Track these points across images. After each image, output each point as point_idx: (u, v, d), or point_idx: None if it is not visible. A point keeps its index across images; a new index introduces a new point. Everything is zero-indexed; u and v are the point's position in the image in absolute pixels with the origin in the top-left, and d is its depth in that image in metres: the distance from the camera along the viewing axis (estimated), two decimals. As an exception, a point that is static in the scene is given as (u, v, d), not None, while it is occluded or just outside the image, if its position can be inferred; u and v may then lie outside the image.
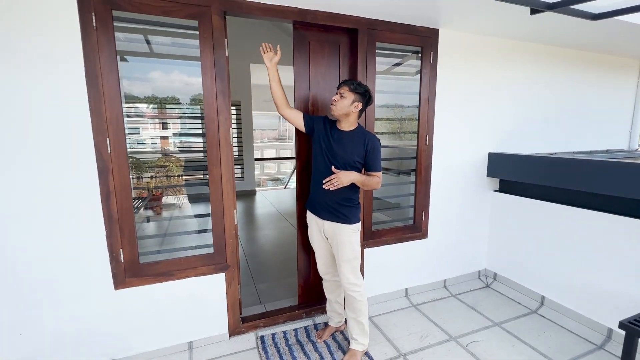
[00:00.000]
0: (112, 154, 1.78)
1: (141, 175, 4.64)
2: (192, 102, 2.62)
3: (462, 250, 2.94)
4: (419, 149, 2.58)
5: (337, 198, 1.89)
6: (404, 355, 2.06)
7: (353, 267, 1.94)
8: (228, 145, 2.01)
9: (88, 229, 1.78)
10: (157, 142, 5.54)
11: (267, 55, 1.88)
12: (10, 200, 1.62)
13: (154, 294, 1.97)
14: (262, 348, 2.10)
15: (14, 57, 1.55)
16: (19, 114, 1.59)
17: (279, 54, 1.89)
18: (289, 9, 2.01)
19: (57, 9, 1.59)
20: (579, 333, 2.26)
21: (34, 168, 1.65)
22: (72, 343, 1.83)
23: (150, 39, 2.18)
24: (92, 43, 1.66)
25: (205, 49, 1.88)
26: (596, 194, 2.23)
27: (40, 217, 1.69)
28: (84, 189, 1.75)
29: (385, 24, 2.26)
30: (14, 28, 1.53)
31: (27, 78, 1.58)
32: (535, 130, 3.06)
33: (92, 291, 1.84)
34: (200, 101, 1.97)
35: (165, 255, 2.02)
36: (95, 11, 1.65)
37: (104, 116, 1.73)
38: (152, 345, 2.01)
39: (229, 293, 2.15)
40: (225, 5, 1.87)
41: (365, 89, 1.84)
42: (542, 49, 2.90)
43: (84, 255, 1.79)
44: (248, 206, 6.10)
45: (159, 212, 4.46)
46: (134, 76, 2.27)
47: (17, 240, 1.66)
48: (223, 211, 2.06)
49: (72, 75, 1.65)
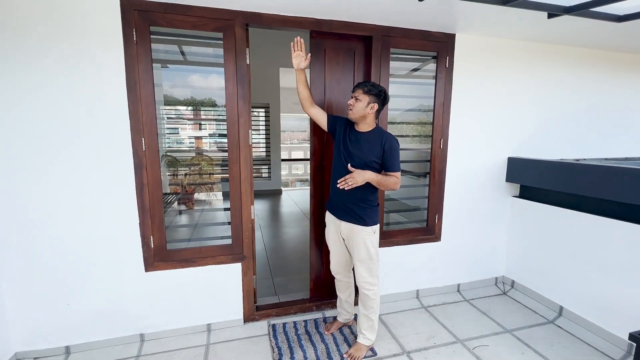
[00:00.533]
0: (146, 152, 2.03)
1: (176, 172, 5.03)
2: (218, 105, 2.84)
3: (478, 255, 2.91)
4: (433, 152, 2.61)
5: (353, 198, 1.92)
6: (408, 353, 2.12)
7: (368, 267, 1.97)
8: (247, 146, 2.19)
9: (124, 216, 2.04)
10: (193, 142, 5.96)
11: (296, 56, 1.88)
12: (61, 187, 1.91)
13: (178, 278, 2.19)
14: (272, 335, 2.25)
15: (72, 71, 1.83)
16: (72, 115, 1.87)
17: (308, 60, 1.91)
18: (306, 20, 2.16)
19: (105, 26, 1.85)
20: (597, 346, 2.17)
21: (83, 161, 1.92)
22: (108, 316, 2.10)
23: (184, 49, 2.44)
24: (132, 54, 1.91)
25: (228, 58, 2.08)
26: (623, 203, 2.13)
27: (86, 204, 1.96)
28: (122, 182, 2.00)
29: (399, 30, 2.34)
30: (71, 45, 1.81)
31: (80, 85, 1.86)
32: (563, 135, 2.96)
33: (127, 272, 2.09)
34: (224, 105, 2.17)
35: (189, 244, 2.24)
36: (136, 27, 1.90)
37: (140, 118, 1.98)
38: (176, 324, 2.24)
39: (244, 282, 2.33)
40: (247, 18, 2.05)
41: (380, 89, 1.86)
42: (568, 50, 2.80)
43: (120, 240, 2.05)
44: (274, 205, 6.33)
45: (191, 207, 4.81)
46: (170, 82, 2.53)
47: (66, 224, 1.95)
48: (241, 206, 2.25)
49: (115, 83, 1.91)
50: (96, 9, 1.82)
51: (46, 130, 1.84)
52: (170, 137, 5.30)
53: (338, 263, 2.15)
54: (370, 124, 1.92)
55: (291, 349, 2.11)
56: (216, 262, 2.24)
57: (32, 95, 1.79)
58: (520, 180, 2.80)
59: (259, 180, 7.13)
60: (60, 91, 1.83)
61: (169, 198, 3.64)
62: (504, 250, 2.98)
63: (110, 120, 1.93)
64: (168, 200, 3.51)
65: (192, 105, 4.79)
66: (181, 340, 2.20)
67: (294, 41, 1.88)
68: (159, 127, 2.11)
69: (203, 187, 5.02)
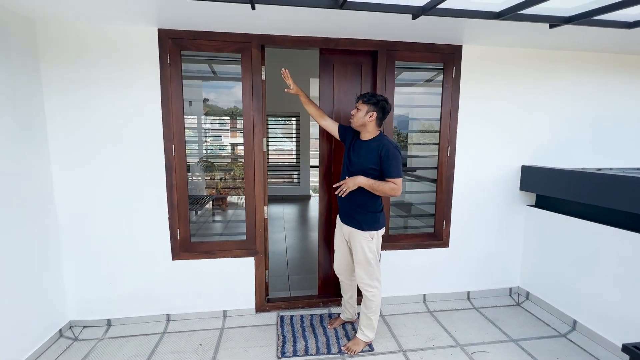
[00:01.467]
0: (175, 157, 2.37)
1: (213, 176, 5.49)
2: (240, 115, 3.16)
3: (490, 263, 2.88)
4: (440, 159, 2.67)
5: (351, 204, 2.07)
6: (404, 352, 2.20)
7: (366, 270, 2.09)
8: (260, 152, 2.45)
9: (156, 211, 2.39)
10: (229, 149, 6.46)
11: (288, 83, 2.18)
12: (107, 184, 2.31)
13: (200, 267, 2.49)
14: (280, 325, 2.46)
15: (118, 88, 2.24)
16: (117, 125, 2.27)
17: (295, 88, 2.19)
18: (315, 39, 2.39)
19: (144, 51, 2.23)
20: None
21: (125, 163, 2.31)
22: (141, 296, 2.46)
23: (214, 68, 2.79)
24: (166, 75, 2.27)
25: (245, 75, 2.37)
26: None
27: (126, 200, 2.35)
28: (155, 181, 2.36)
29: (403, 44, 2.47)
30: (118, 67, 2.21)
31: (123, 100, 2.25)
32: (585, 143, 2.85)
33: (157, 259, 2.44)
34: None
35: (210, 238, 2.55)
36: (170, 52, 2.26)
37: (171, 128, 2.33)
38: (196, 308, 2.54)
39: (257, 275, 2.57)
40: (262, 40, 2.33)
41: (379, 98, 1.99)
42: (587, 56, 2.72)
43: (152, 231, 2.41)
44: (302, 209, 6.60)
45: (225, 209, 5.22)
46: (207, 95, 2.89)
47: (110, 215, 2.34)
48: (255, 206, 2.51)
49: (152, 98, 2.28)
50: (138, 38, 2.21)
51: (96, 136, 2.25)
52: (209, 144, 5.81)
53: (340, 264, 2.30)
54: (372, 132, 2.04)
55: (294, 338, 2.30)
56: (232, 255, 2.52)
57: (88, 107, 2.22)
58: (535, 189, 2.74)
59: (289, 186, 7.46)
60: (109, 104, 2.24)
61: (205, 199, 4.04)
62: (519, 260, 2.92)
63: (147, 129, 2.31)
64: (203, 202, 3.92)
65: (226, 115, 5.25)
66: (201, 322, 2.49)
67: (282, 72, 2.15)
68: (199, 134, 2.46)
69: (235, 190, 5.44)
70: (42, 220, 2.15)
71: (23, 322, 1.99)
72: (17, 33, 1.96)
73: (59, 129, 2.20)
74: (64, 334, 2.31)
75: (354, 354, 2.15)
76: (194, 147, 4.15)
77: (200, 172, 4.76)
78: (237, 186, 5.37)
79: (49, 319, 2.22)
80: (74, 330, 2.37)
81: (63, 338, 2.28)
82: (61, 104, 2.18)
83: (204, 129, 4.74)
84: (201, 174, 4.75)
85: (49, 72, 2.14)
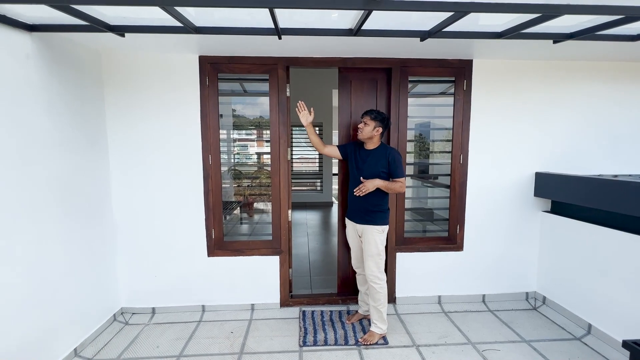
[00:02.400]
0: (212, 165, 2.70)
1: (241, 184, 5.88)
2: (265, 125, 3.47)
3: (505, 268, 2.96)
4: (453, 167, 2.83)
5: (367, 204, 2.36)
6: (417, 347, 2.36)
7: (376, 262, 2.36)
8: (285, 161, 2.73)
9: (195, 213, 2.72)
10: (255, 157, 6.86)
11: (302, 115, 2.40)
12: (156, 189, 2.67)
13: (231, 264, 2.79)
14: (302, 318, 2.69)
15: (165, 107, 2.61)
16: (164, 138, 2.63)
17: (313, 115, 2.44)
18: (334, 59, 2.66)
19: (187, 75, 2.59)
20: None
21: (169, 172, 2.67)
22: (180, 288, 2.78)
23: (241, 84, 3.13)
24: (205, 94, 2.62)
25: (272, 93, 2.67)
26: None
27: (170, 203, 2.70)
28: (194, 187, 2.70)
29: (416, 61, 2.68)
30: (165, 89, 2.59)
31: (170, 116, 2.62)
32: (601, 150, 2.88)
33: (195, 255, 2.76)
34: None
35: (240, 238, 2.84)
36: (208, 75, 2.61)
37: (208, 140, 2.67)
38: (228, 301, 2.83)
39: (281, 272, 2.83)
40: (287, 62, 2.63)
41: (383, 116, 2.32)
42: (600, 65, 2.78)
43: (191, 231, 2.74)
44: (324, 215, 6.84)
45: (251, 215, 5.57)
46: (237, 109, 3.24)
47: (156, 216, 2.70)
48: (280, 209, 2.78)
49: (193, 114, 2.63)
50: (182, 64, 2.58)
51: (147, 149, 2.63)
52: (238, 153, 6.23)
53: (357, 258, 2.56)
54: (376, 142, 2.36)
55: (315, 331, 2.52)
56: (260, 253, 2.80)
57: (141, 124, 2.60)
58: (550, 195, 2.81)
59: (312, 193, 7.73)
60: (157, 121, 2.61)
61: (233, 205, 4.39)
62: (535, 265, 2.98)
63: (189, 142, 2.66)
64: (232, 207, 4.26)
65: (252, 126, 5.63)
66: (231, 313, 2.78)
67: (297, 105, 2.42)
68: (229, 145, 2.79)
69: (261, 197, 5.77)
70: (103, 220, 2.54)
71: (86, 306, 2.36)
72: (88, 65, 2.38)
73: (117, 144, 2.60)
74: (117, 318, 2.68)
75: (369, 344, 2.35)
76: (224, 156, 4.53)
77: (229, 180, 5.15)
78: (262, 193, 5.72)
79: (105, 305, 2.59)
80: (125, 315, 2.73)
81: (116, 322, 2.64)
82: (119, 122, 2.58)
83: (233, 140, 5.14)
84: (230, 181, 5.14)
85: (110, 97, 2.55)
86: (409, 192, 3.25)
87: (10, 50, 1.76)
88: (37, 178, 1.91)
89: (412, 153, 2.98)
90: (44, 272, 1.97)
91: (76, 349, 2.22)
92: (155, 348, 2.35)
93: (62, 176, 2.11)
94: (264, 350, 2.31)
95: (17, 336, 1.79)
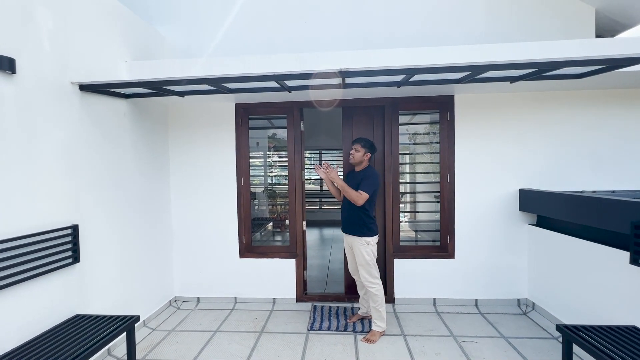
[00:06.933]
0: (243, 186, 3.48)
1: (275, 202, 6.64)
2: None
3: (497, 275, 3.28)
4: (442, 185, 3.31)
5: (353, 218, 2.82)
6: (405, 335, 2.80)
7: (367, 270, 2.78)
8: (300, 180, 3.43)
9: (230, 222, 3.50)
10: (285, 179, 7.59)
11: (320, 172, 2.81)
12: (204, 203, 3.50)
13: (257, 264, 3.48)
14: (312, 311, 3.27)
15: (209, 143, 3.48)
16: (210, 166, 3.48)
17: (330, 168, 2.79)
18: (337, 100, 3.35)
19: (226, 118, 3.45)
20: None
21: (213, 191, 3.49)
22: (218, 283, 3.53)
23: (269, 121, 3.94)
24: (239, 133, 3.45)
25: (289, 128, 3.42)
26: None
27: (213, 214, 3.50)
28: (230, 202, 3.49)
29: (404, 99, 3.28)
30: (208, 130, 3.46)
31: (212, 150, 3.48)
32: (583, 168, 3.15)
33: (230, 256, 3.51)
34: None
35: (264, 243, 3.54)
36: (241, 117, 3.45)
37: (241, 166, 3.47)
38: (255, 294, 3.50)
39: (297, 273, 3.46)
40: (300, 105, 3.39)
41: (370, 143, 2.84)
42: (578, 93, 3.14)
43: (228, 236, 3.50)
44: (350, 232, 7.35)
45: (283, 230, 6.25)
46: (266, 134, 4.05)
47: (203, 224, 3.52)
48: (295, 220, 3.45)
49: (230, 149, 3.47)
50: (222, 110, 3.45)
51: (196, 173, 3.49)
52: (276, 175, 7.06)
53: (351, 266, 3.04)
54: (364, 165, 2.88)
55: (322, 320, 3.08)
56: (280, 256, 3.47)
57: (192, 155, 3.49)
58: (533, 210, 3.14)
59: (332, 211, 8.27)
60: (204, 152, 3.49)
61: (266, 222, 5.12)
62: (526, 273, 3.26)
63: (227, 168, 3.48)
64: (266, 224, 4.99)
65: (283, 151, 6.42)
66: (257, 305, 3.44)
67: (315, 167, 2.96)
68: (264, 167, 3.57)
69: (291, 213, 6.45)
70: (164, 227, 3.40)
71: (151, 292, 3.18)
72: (159, 114, 3.33)
73: (175, 169, 3.50)
74: (172, 304, 3.48)
75: (372, 343, 2.72)
76: (262, 178, 5.29)
77: (265, 199, 5.93)
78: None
79: (164, 292, 3.41)
80: (177, 302, 3.53)
81: (171, 307, 3.44)
82: (177, 153, 3.49)
83: (269, 162, 5.96)
84: (265, 200, 5.92)
85: (172, 134, 3.49)
86: (407, 206, 3.75)
87: (115, 112, 2.70)
88: (124, 195, 2.80)
89: (407, 174, 3.51)
90: (127, 259, 2.81)
91: (144, 320, 3.02)
92: (199, 325, 3.08)
93: (139, 194, 2.99)
94: (279, 331, 2.92)
95: (111, 300, 2.60)
